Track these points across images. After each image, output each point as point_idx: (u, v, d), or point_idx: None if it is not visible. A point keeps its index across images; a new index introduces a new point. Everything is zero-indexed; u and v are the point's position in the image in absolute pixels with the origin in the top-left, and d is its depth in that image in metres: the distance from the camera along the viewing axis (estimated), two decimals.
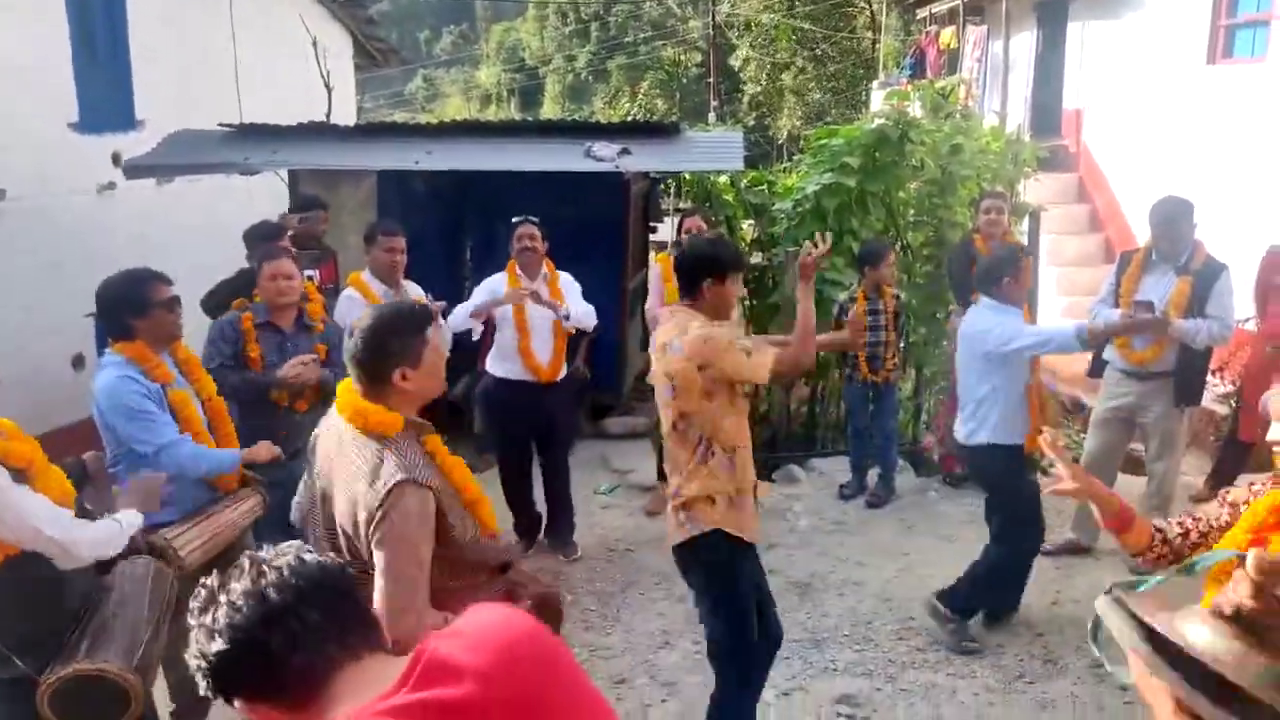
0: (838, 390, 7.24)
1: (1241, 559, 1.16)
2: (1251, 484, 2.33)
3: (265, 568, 1.29)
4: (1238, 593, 1.15)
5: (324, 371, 4.01)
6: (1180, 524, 2.39)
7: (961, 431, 4.41)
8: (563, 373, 5.19)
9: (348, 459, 2.26)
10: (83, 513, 2.70)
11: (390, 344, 2.28)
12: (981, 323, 4.28)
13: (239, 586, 1.27)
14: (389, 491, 2.15)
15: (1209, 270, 4.62)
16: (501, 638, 1.30)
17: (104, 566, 2.72)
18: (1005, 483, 4.39)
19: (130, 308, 3.22)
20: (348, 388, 2.34)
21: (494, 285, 5.11)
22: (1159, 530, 2.41)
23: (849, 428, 6.46)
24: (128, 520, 2.77)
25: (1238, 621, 1.14)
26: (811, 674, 4.10)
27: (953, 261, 5.99)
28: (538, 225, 5.07)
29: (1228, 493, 2.39)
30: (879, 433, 6.05)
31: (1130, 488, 5.62)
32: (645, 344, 6.87)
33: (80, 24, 7.59)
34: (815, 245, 3.45)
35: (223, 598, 1.26)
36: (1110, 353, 4.91)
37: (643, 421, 7.06)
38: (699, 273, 3.18)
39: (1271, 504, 2.13)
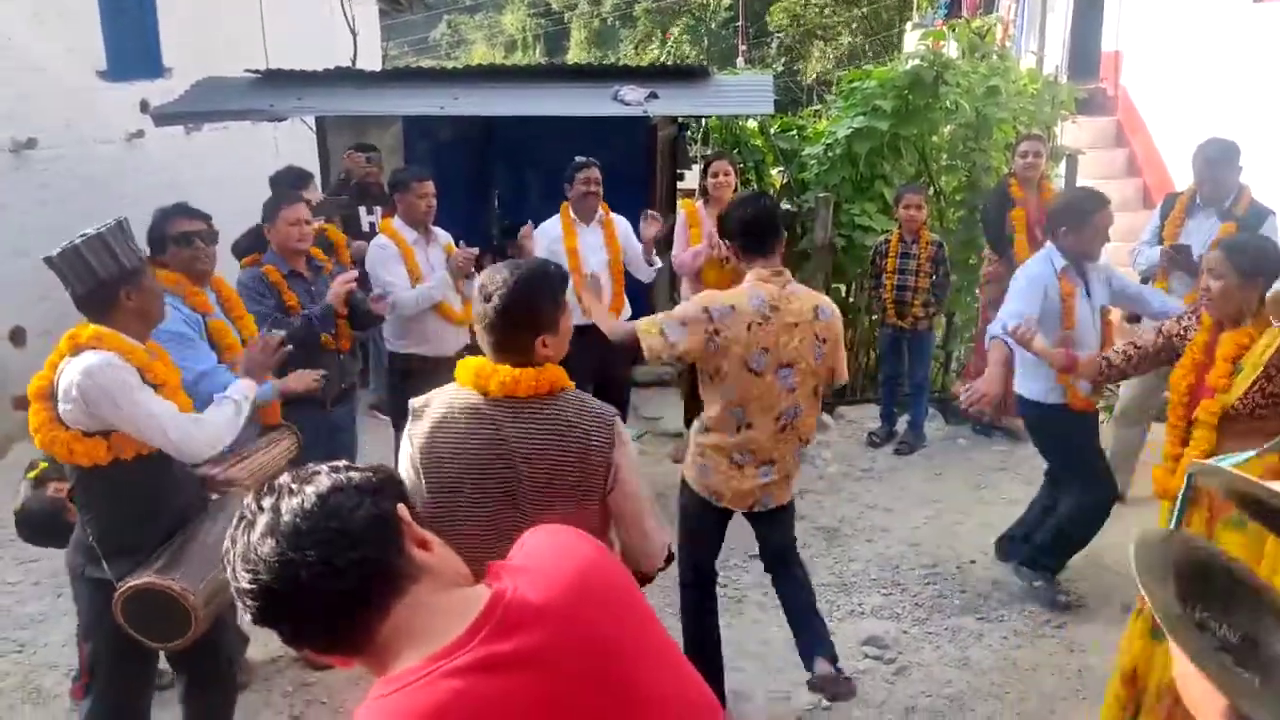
0: (868, 337, 7.19)
1: None
2: (1180, 319, 3.33)
3: (280, 502, 1.19)
4: None
5: (358, 291, 4.12)
6: (1123, 351, 3.33)
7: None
8: (625, 315, 5.14)
9: (540, 425, 2.11)
10: None
11: (539, 311, 2.14)
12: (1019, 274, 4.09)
13: (261, 520, 1.18)
14: (611, 424, 2.16)
15: (1254, 215, 4.51)
16: (571, 571, 1.24)
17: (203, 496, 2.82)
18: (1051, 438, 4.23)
19: (153, 240, 3.32)
20: (475, 362, 2.16)
21: (550, 230, 5.10)
22: (1105, 359, 3.45)
23: (879, 374, 6.42)
24: (239, 393, 2.88)
25: None
26: (839, 616, 4.13)
27: (989, 208, 5.88)
28: (598, 166, 5.04)
29: (1162, 325, 3.36)
30: (910, 380, 6.01)
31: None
32: (672, 291, 6.84)
33: None
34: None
35: (241, 535, 1.19)
36: None
37: (669, 370, 7.05)
38: (778, 233, 3.19)
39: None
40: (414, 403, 2.19)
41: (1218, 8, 8.98)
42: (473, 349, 2.74)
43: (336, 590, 1.14)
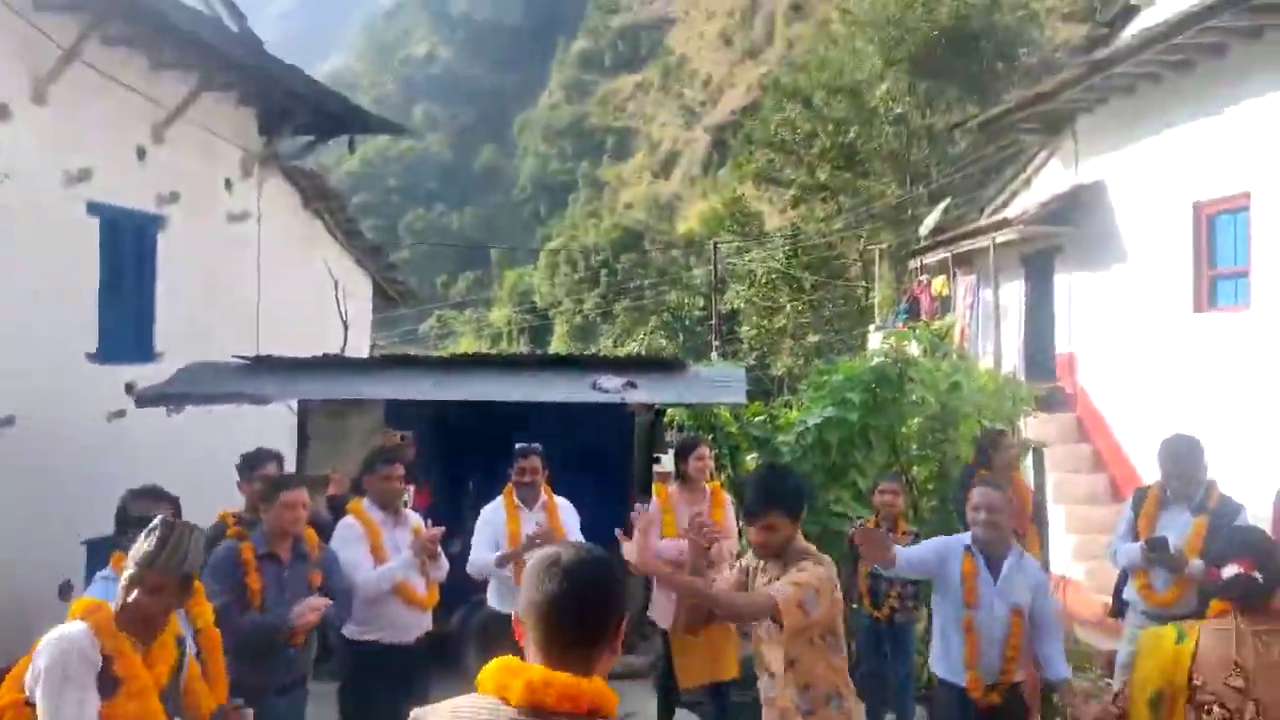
0: (847, 627, 6.94)
1: None
2: None
3: None
4: None
5: (329, 608, 3.98)
6: None
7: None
8: None
9: None
10: None
11: (617, 598, 1.76)
12: None
13: None
14: None
15: (1226, 509, 4.55)
16: None
17: None
18: None
19: (119, 520, 3.39)
20: (503, 661, 1.73)
21: (492, 514, 5.12)
22: None
23: (858, 671, 6.13)
24: None
25: None
26: None
27: (958, 500, 5.92)
28: (539, 455, 5.11)
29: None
30: (894, 676, 5.74)
31: None
32: (648, 579, 6.69)
33: (111, 260, 7.97)
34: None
35: None
36: (1131, 593, 4.77)
37: (644, 660, 6.74)
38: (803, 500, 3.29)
39: None
40: (415, 714, 1.81)
41: (1162, 316, 9.63)
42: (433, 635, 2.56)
43: None
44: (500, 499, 5.16)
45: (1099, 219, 10.62)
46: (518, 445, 5.21)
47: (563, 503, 5.22)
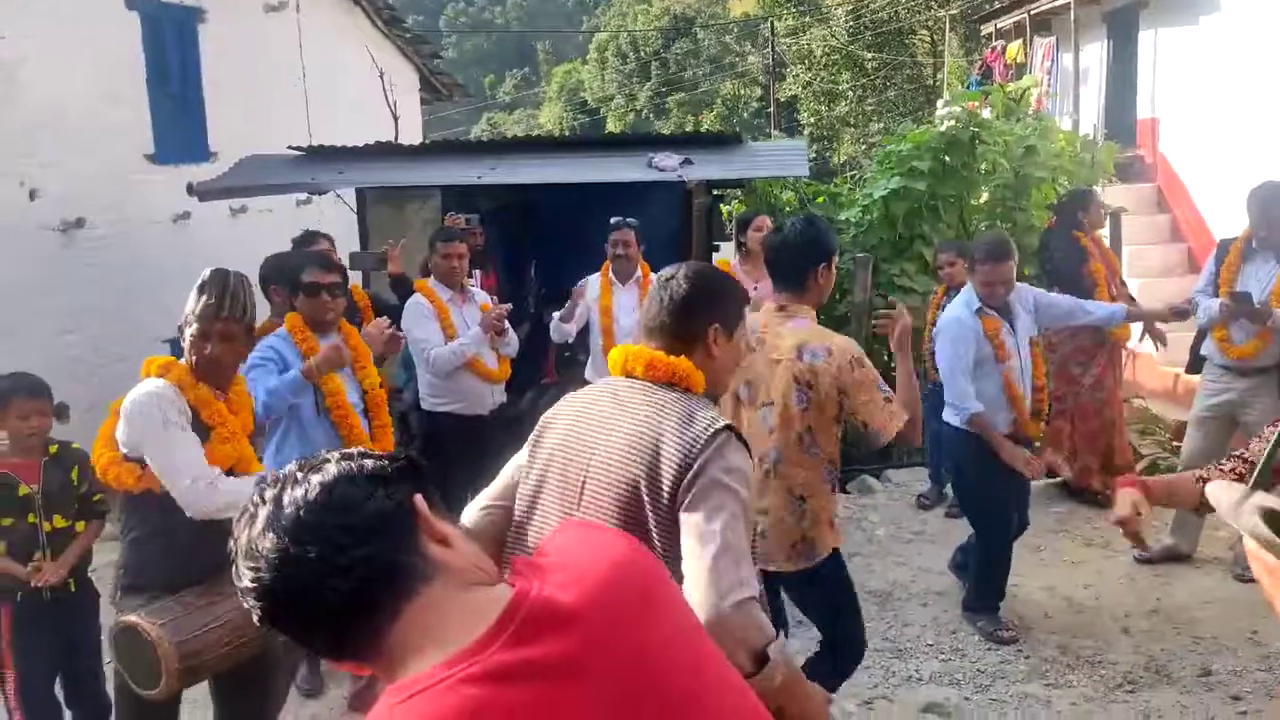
0: None
1: None
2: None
3: (283, 493, 1.07)
4: None
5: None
6: (1232, 469, 2.24)
7: None
8: None
9: (632, 413, 1.86)
10: None
11: (716, 297, 2.03)
12: None
13: (262, 513, 1.07)
14: (713, 435, 1.78)
15: None
16: (606, 569, 1.11)
17: None
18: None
19: (291, 283, 3.58)
20: (631, 349, 1.99)
21: (589, 284, 5.21)
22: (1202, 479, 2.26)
23: (925, 434, 6.22)
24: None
25: None
26: (894, 683, 3.88)
27: (1058, 260, 5.61)
28: (634, 228, 5.09)
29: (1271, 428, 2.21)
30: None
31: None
32: None
33: (155, 58, 7.84)
34: (893, 309, 3.08)
35: (243, 530, 1.08)
36: (1209, 347, 4.65)
37: None
38: (808, 259, 2.89)
39: None
40: (545, 417, 2.03)
41: (1257, 72, 8.94)
42: (506, 407, 2.59)
43: (340, 590, 1.02)
44: (599, 274, 5.20)
45: None
46: (612, 219, 5.20)
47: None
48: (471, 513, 2.04)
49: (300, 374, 3.39)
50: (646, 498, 1.77)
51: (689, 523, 1.72)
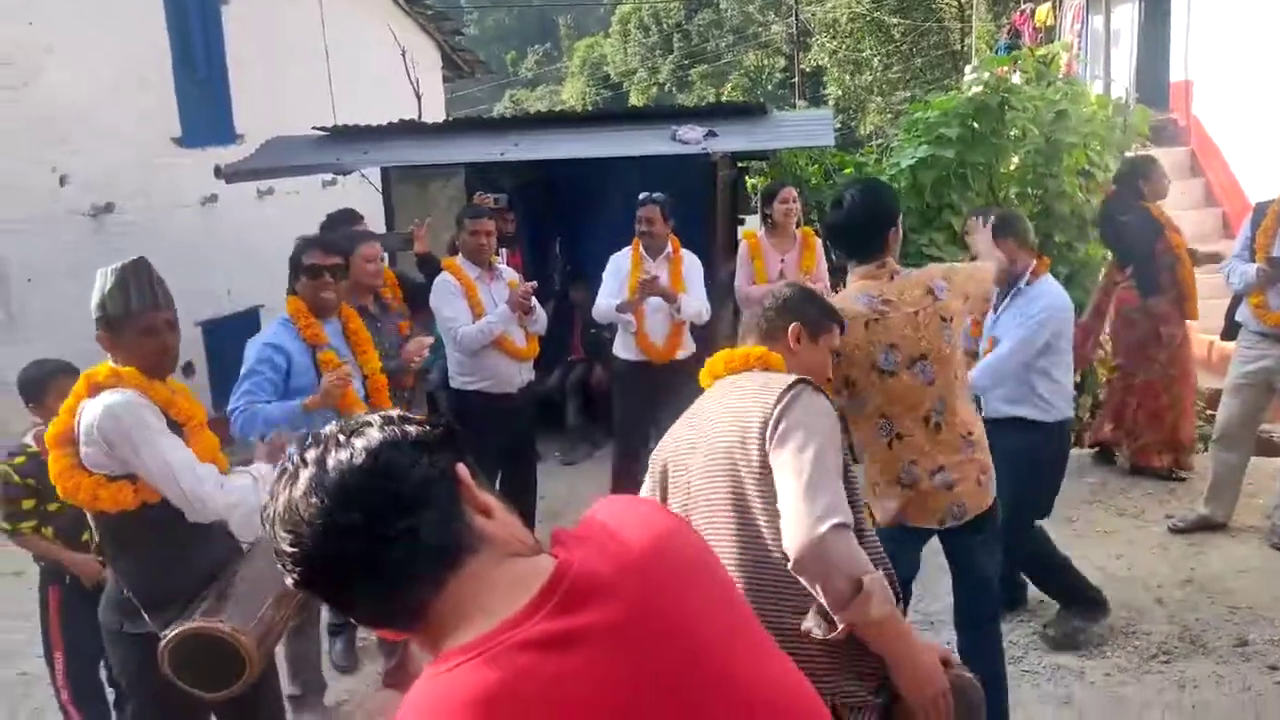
0: None
1: None
2: None
3: (327, 456, 1.06)
4: None
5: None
6: None
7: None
8: (682, 353, 5.10)
9: (719, 401, 2.05)
10: None
11: (808, 306, 2.27)
12: None
13: (305, 474, 1.05)
14: (788, 388, 1.93)
15: None
16: (648, 541, 1.11)
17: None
18: None
19: (291, 268, 3.48)
20: (722, 353, 2.21)
21: (619, 262, 5.16)
22: None
23: None
24: (262, 473, 2.70)
25: None
26: None
27: (1126, 235, 5.35)
28: (660, 204, 5.05)
29: None
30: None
31: (1263, 469, 5.24)
32: (736, 332, 6.73)
33: (180, 42, 7.88)
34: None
35: (283, 490, 1.07)
36: (1244, 313, 4.58)
37: None
38: (880, 224, 2.82)
39: None
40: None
41: None
42: (533, 385, 2.57)
43: (385, 559, 1.02)
44: (629, 248, 5.17)
45: None
46: (640, 195, 5.15)
47: (688, 256, 5.18)
48: None
49: (301, 406, 3.33)
50: (740, 463, 1.90)
51: (778, 464, 1.84)
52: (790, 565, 1.75)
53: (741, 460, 1.89)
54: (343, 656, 4.11)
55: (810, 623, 1.79)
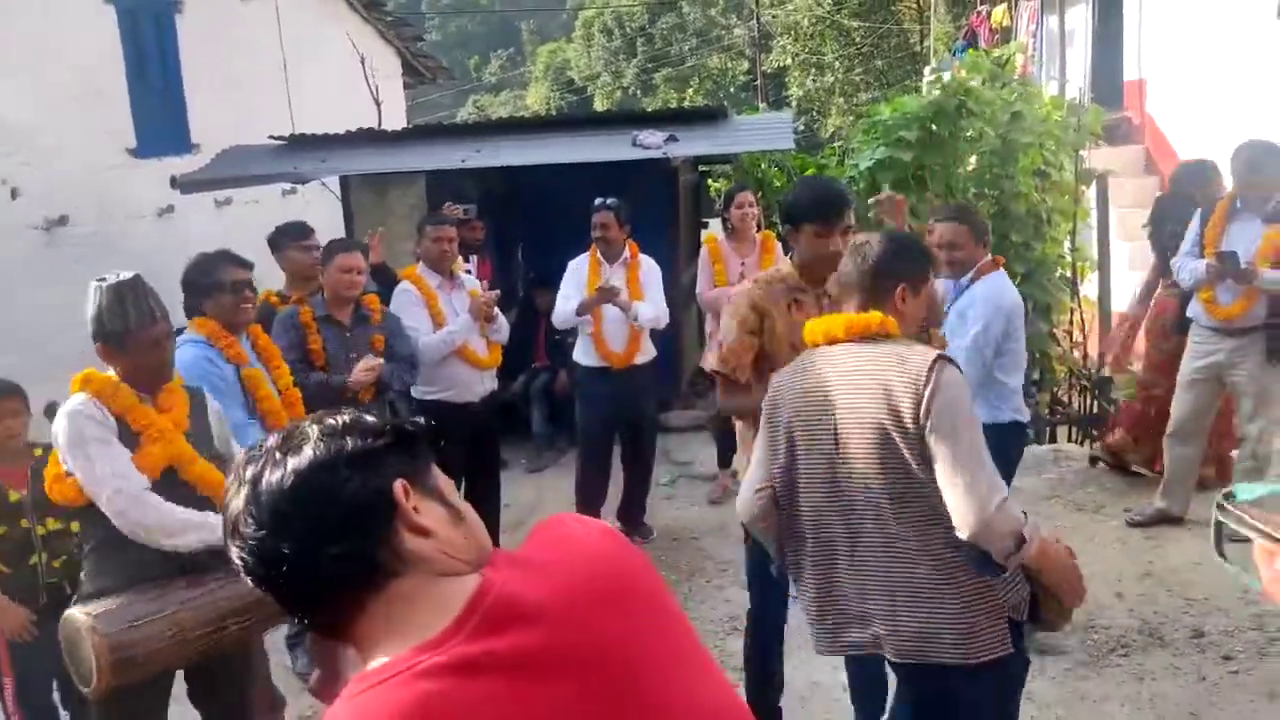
0: None
1: None
2: None
3: (262, 474, 1.07)
4: None
5: (385, 367, 4.06)
6: None
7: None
8: (641, 358, 5.09)
9: (854, 370, 2.20)
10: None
11: (904, 260, 2.33)
12: None
13: (242, 493, 1.07)
14: (930, 366, 2.10)
15: None
16: (580, 565, 1.10)
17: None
18: None
19: (199, 287, 3.29)
20: (827, 319, 2.33)
21: (578, 266, 5.11)
22: None
23: None
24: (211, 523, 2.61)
25: None
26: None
27: (1156, 237, 5.32)
28: (615, 209, 5.01)
29: None
30: None
31: None
32: (701, 336, 6.74)
33: (134, 51, 7.77)
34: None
35: (231, 501, 1.09)
36: (1195, 308, 4.65)
37: (703, 414, 6.92)
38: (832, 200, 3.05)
39: None
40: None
41: (1243, 28, 8.88)
42: (497, 393, 2.52)
43: (310, 578, 1.04)
44: (587, 253, 5.13)
45: None
46: (595, 201, 5.12)
47: (646, 261, 5.16)
48: (746, 496, 2.40)
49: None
50: (895, 434, 2.12)
51: (938, 451, 2.09)
52: (965, 536, 2.07)
53: (897, 433, 2.12)
54: (307, 667, 4.07)
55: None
